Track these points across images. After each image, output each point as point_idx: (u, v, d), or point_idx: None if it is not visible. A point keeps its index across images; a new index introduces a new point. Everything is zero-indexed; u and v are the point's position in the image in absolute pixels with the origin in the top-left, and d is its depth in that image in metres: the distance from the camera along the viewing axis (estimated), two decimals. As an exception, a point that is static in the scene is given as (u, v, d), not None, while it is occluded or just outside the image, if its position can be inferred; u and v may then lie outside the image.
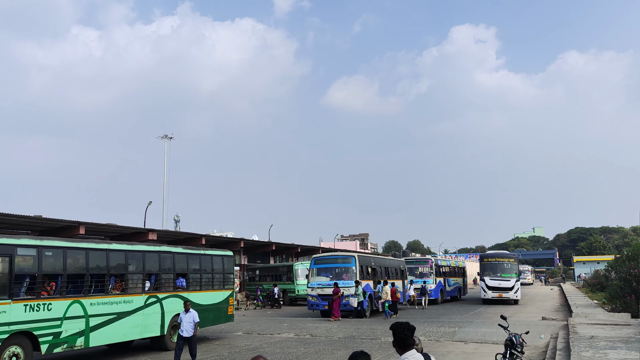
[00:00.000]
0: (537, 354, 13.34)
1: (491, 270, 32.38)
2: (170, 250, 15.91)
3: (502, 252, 35.53)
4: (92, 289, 12.99)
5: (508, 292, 31.56)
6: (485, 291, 32.24)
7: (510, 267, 32.30)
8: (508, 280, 31.74)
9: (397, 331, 4.27)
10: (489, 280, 32.16)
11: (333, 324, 21.62)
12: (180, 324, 12.29)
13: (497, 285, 31.82)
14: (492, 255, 33.98)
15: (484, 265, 32.90)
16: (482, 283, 32.66)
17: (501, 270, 32.20)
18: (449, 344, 15.34)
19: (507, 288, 31.63)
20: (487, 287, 32.15)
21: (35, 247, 11.74)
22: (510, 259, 33.01)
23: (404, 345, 4.23)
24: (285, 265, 39.05)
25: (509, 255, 34.09)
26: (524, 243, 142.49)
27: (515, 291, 31.55)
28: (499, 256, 33.77)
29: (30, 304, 11.30)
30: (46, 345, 11.56)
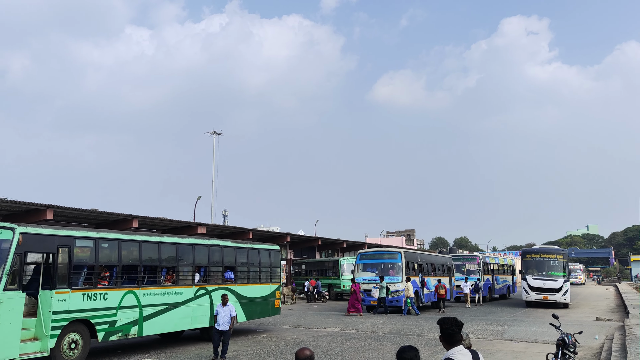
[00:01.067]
0: (591, 355, 12.93)
1: (535, 268, 28.20)
2: (219, 243, 16.25)
3: (549, 247, 30.59)
4: (145, 280, 13.44)
5: (555, 294, 27.31)
6: (528, 292, 27.97)
7: (558, 264, 28.06)
8: (555, 280, 27.40)
9: (445, 326, 4.23)
10: (531, 280, 27.88)
11: (379, 319, 21.57)
12: (217, 316, 12.40)
13: (541, 285, 27.56)
14: (537, 251, 29.43)
15: (527, 262, 28.77)
16: (524, 283, 28.34)
17: (547, 268, 28.00)
18: (497, 343, 15.07)
19: (554, 289, 27.31)
20: (529, 287, 27.91)
21: (93, 239, 12.24)
22: (558, 255, 28.49)
23: (451, 340, 4.18)
24: (331, 260, 39.21)
25: (557, 251, 29.30)
26: (577, 241, 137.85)
27: (563, 293, 27.30)
28: (545, 252, 29.15)
29: (87, 293, 11.79)
30: (102, 333, 12.06)
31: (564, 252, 29.04)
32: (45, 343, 10.74)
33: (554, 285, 27.45)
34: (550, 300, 27.39)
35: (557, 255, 28.46)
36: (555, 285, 27.42)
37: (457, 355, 4.08)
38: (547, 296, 27.40)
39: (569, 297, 27.77)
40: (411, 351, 4.02)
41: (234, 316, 12.44)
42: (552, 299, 27.34)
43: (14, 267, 10.30)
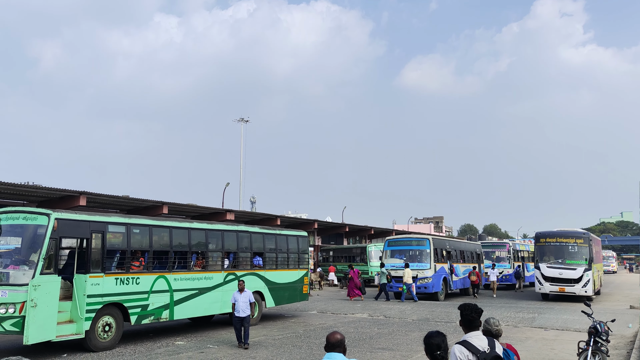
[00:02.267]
0: (624, 344, 12.69)
1: (551, 254, 24.52)
2: (247, 229, 16.41)
3: (567, 231, 25.42)
4: (175, 265, 13.68)
5: (573, 285, 23.40)
6: (541, 283, 24.13)
7: (578, 250, 24.09)
8: (573, 269, 23.41)
9: (465, 312, 4.50)
10: (545, 268, 24.01)
11: (407, 305, 21.55)
12: (235, 304, 12.29)
13: (557, 275, 23.71)
14: (552, 235, 25.01)
15: (541, 248, 24.93)
16: (537, 272, 24.41)
17: (564, 255, 24.14)
18: (527, 330, 14.91)
19: (572, 280, 23.41)
20: (543, 277, 24.06)
21: (124, 224, 12.50)
22: (578, 240, 24.34)
23: (470, 325, 4.45)
24: (358, 247, 39.24)
25: (576, 234, 24.80)
26: (611, 228, 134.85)
27: (584, 284, 23.25)
28: (562, 235, 24.74)
29: (120, 277, 12.07)
30: (135, 317, 12.34)
31: (586, 236, 24.59)
32: (81, 325, 11.06)
33: (572, 274, 23.51)
34: (568, 292, 23.57)
35: (576, 240, 24.38)
36: (573, 275, 23.47)
37: (473, 339, 4.35)
38: (564, 287, 23.58)
39: (592, 289, 23.54)
40: (439, 336, 4.12)
41: (253, 302, 12.43)
42: (569, 291, 23.51)
43: (50, 251, 10.59)
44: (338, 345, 4.30)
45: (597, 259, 26.63)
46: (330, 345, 4.30)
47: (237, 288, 12.62)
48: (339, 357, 4.26)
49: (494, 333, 5.08)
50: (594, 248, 25.00)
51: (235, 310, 12.25)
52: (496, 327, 5.17)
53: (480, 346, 4.33)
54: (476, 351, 4.26)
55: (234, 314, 12.27)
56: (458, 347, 4.32)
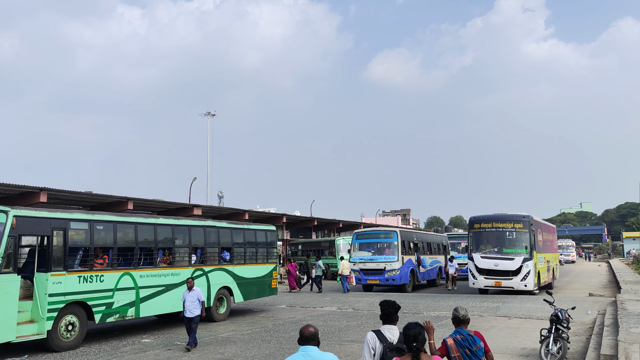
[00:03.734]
0: (584, 330, 13.10)
1: (487, 242, 21.30)
2: (215, 224, 16.26)
3: (504, 214, 21.75)
4: (141, 262, 13.46)
5: (510, 278, 20.26)
6: (475, 276, 20.96)
7: (517, 237, 20.68)
8: (511, 259, 20.28)
9: (383, 307, 5.01)
10: (479, 259, 20.83)
11: (375, 298, 21.76)
12: (184, 303, 11.62)
13: (492, 266, 20.56)
14: (487, 219, 21.52)
15: (476, 235, 21.57)
16: (470, 263, 21.28)
17: (501, 242, 20.81)
18: (492, 319, 15.23)
19: (509, 272, 20.31)
20: (476, 269, 20.89)
21: (87, 221, 12.22)
22: (516, 224, 20.83)
23: (387, 319, 4.96)
24: (327, 240, 39.38)
25: (514, 218, 21.16)
26: (571, 219, 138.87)
27: (523, 276, 20.14)
28: (498, 219, 21.29)
29: (83, 275, 11.81)
30: (100, 315, 12.10)
31: (526, 220, 20.95)
32: (42, 325, 10.78)
33: (509, 265, 20.31)
34: (505, 286, 20.43)
35: (515, 224, 20.88)
36: (510, 266, 20.28)
37: (385, 331, 4.87)
38: (501, 281, 20.43)
39: (533, 282, 20.24)
40: (416, 328, 4.37)
41: (203, 301, 11.68)
42: (507, 285, 20.32)
43: (8, 250, 10.29)
44: (312, 338, 4.30)
45: (545, 247, 23.72)
46: (304, 338, 4.30)
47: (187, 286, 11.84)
48: (314, 350, 4.25)
49: (461, 320, 5.36)
50: (538, 234, 22.00)
51: (184, 309, 11.56)
52: (463, 314, 5.44)
53: (389, 337, 4.82)
54: (384, 340, 4.79)
55: (184, 314, 11.62)
56: (371, 334, 4.88)
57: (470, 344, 5.23)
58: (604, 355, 8.96)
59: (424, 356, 4.24)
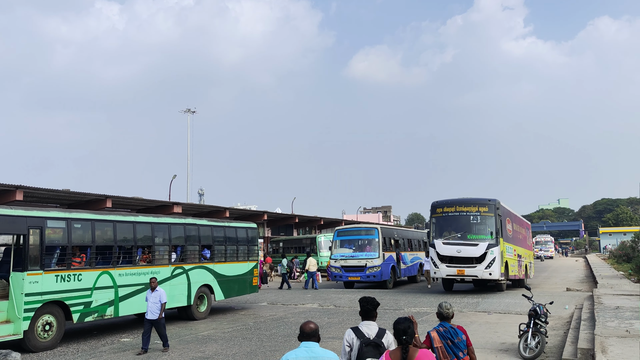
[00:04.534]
0: (562, 324, 13.31)
1: (450, 227, 19.55)
2: (195, 222, 16.14)
3: (468, 198, 20.07)
4: (120, 261, 13.31)
5: (474, 266, 18.50)
6: (437, 264, 19.35)
7: (482, 221, 18.98)
8: (474, 245, 18.61)
9: (362, 304, 5.12)
10: (441, 245, 19.19)
11: (357, 294, 21.82)
12: (147, 304, 11.05)
13: (454, 253, 18.80)
14: (450, 203, 19.89)
15: (438, 221, 19.85)
16: (432, 250, 19.62)
17: (465, 228, 19.07)
18: (472, 314, 15.38)
19: (472, 258, 18.59)
20: (438, 256, 19.28)
21: (65, 219, 12.02)
22: (482, 208, 19.16)
23: (365, 315, 5.09)
24: (308, 238, 39.38)
25: (479, 202, 19.52)
26: (549, 215, 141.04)
27: (488, 264, 18.38)
28: (461, 203, 19.64)
29: (61, 274, 11.62)
30: (77, 314, 11.93)
31: (492, 204, 19.29)
32: (19, 325, 10.59)
33: (472, 251, 18.50)
34: (469, 275, 18.76)
35: (480, 208, 19.17)
36: (474, 252, 18.49)
37: (363, 327, 4.99)
38: (464, 269, 18.66)
39: (498, 271, 18.47)
40: (405, 322, 4.50)
41: (164, 302, 11.06)
42: (470, 273, 18.61)
43: (-16, 249, 10.07)
44: (313, 334, 4.37)
45: (516, 239, 22.43)
46: (305, 334, 4.36)
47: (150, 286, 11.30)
48: (316, 347, 4.31)
49: (445, 316, 5.55)
50: (506, 222, 20.62)
51: (146, 310, 11.00)
52: (447, 310, 5.70)
53: (367, 333, 4.92)
54: (361, 336, 4.88)
55: (145, 316, 11.05)
56: (348, 331, 4.99)
57: (452, 336, 5.45)
58: (581, 349, 9.10)
59: (413, 348, 4.36)
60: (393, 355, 4.33)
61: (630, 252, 35.05)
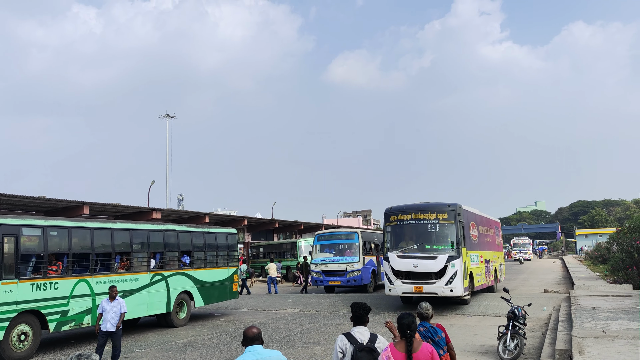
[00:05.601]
0: (540, 326, 13.48)
1: (406, 238, 17.07)
2: (174, 228, 15.99)
3: (425, 204, 17.55)
4: (97, 268, 13.11)
5: (433, 282, 16.01)
6: (391, 280, 16.66)
7: (440, 230, 16.57)
8: (433, 258, 16.10)
9: (354, 309, 5.08)
10: (395, 259, 16.58)
11: (337, 299, 21.83)
12: (103, 314, 10.19)
13: (410, 267, 16.27)
14: (405, 210, 17.24)
15: (393, 230, 17.25)
16: (386, 264, 16.94)
17: (422, 238, 16.60)
18: (451, 317, 15.49)
19: (431, 274, 16.08)
20: (393, 271, 16.63)
21: (40, 227, 11.81)
22: (440, 214, 16.65)
23: (357, 321, 5.04)
24: (288, 242, 39.28)
25: (437, 208, 16.92)
26: (527, 217, 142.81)
27: (448, 279, 15.88)
28: (418, 210, 17.06)
29: (37, 283, 11.41)
30: (54, 324, 11.71)
31: (452, 210, 16.72)
32: (-7, 336, 10.35)
33: (430, 265, 16.09)
34: (427, 292, 16.05)
35: (438, 215, 16.68)
36: (432, 266, 16.07)
37: (356, 332, 4.95)
38: (421, 286, 16.19)
39: (461, 287, 16.03)
40: (409, 317, 4.62)
41: (124, 312, 10.33)
42: (429, 290, 16.02)
43: (-44, 258, 9.83)
44: (257, 338, 4.49)
45: (482, 243, 20.06)
46: (249, 339, 4.48)
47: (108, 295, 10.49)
48: (259, 348, 4.46)
49: (424, 316, 5.70)
50: (470, 227, 18.29)
51: (102, 321, 10.12)
52: (427, 311, 5.89)
53: (359, 338, 4.90)
54: (354, 342, 4.86)
55: (100, 328, 10.17)
56: (341, 337, 4.97)
57: (432, 334, 5.66)
58: (559, 350, 9.23)
59: (417, 341, 4.60)
60: (399, 347, 4.52)
61: (605, 253, 35.62)
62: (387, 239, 17.37)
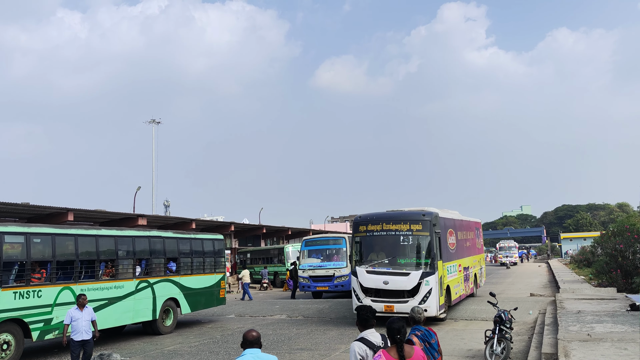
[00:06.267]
0: (526, 330, 13.56)
1: (375, 250, 15.54)
2: (160, 235, 15.86)
3: (397, 213, 16.12)
4: (82, 275, 12.95)
5: (406, 301, 14.22)
6: (359, 298, 15.05)
7: (414, 242, 14.98)
8: (405, 274, 14.55)
9: (361, 313, 5.07)
10: (364, 275, 14.98)
11: (325, 304, 21.79)
12: (72, 324, 9.75)
13: (380, 285, 14.68)
14: (376, 219, 15.63)
15: (363, 241, 15.69)
16: (354, 280, 15.33)
17: (394, 251, 15.05)
18: (438, 321, 15.51)
19: (403, 292, 14.51)
20: (361, 288, 15.05)
21: (23, 234, 11.65)
22: (413, 225, 15.03)
23: (365, 324, 5.01)
24: (276, 248, 39.16)
25: (410, 217, 15.33)
26: (512, 221, 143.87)
27: (423, 298, 14.34)
28: (389, 219, 15.45)
29: (19, 291, 11.24)
30: (37, 332, 11.54)
31: (427, 220, 15.07)
32: (-26, 345, 10.17)
33: (402, 283, 14.50)
34: (399, 312, 14.01)
35: (411, 225, 15.05)
36: (404, 284, 14.49)
37: (369, 336, 4.91)
38: (393, 305, 14.48)
39: (436, 305, 14.59)
40: (399, 321, 4.61)
41: (95, 320, 10.02)
42: (401, 310, 13.97)
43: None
44: (256, 342, 4.58)
45: (461, 250, 18.70)
46: (248, 342, 4.57)
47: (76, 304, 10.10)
48: (258, 352, 4.53)
49: (417, 320, 5.73)
50: (448, 236, 16.95)
51: (74, 331, 9.69)
52: (419, 315, 5.86)
53: (375, 342, 4.86)
54: (372, 346, 4.80)
55: (72, 338, 9.72)
56: (357, 343, 4.86)
57: (428, 337, 5.65)
58: (545, 354, 9.29)
59: (408, 346, 4.57)
60: (392, 353, 4.49)
61: (590, 257, 35.92)
62: (355, 252, 15.77)
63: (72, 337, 9.70)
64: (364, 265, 15.23)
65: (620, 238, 22.06)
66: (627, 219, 27.37)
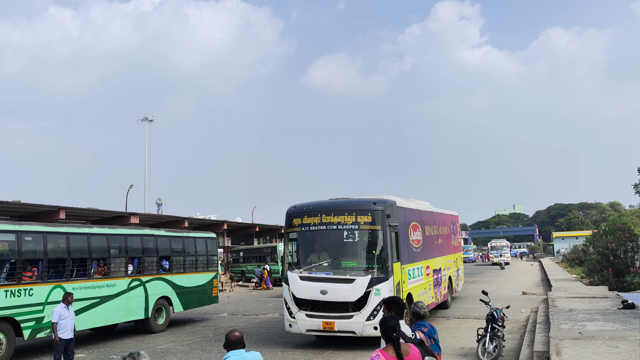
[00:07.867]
0: (518, 328, 13.62)
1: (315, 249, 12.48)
2: (152, 233, 15.81)
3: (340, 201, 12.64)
4: (74, 274, 12.89)
5: (350, 317, 11.27)
6: (291, 311, 11.92)
7: (361, 239, 11.97)
8: (349, 281, 11.37)
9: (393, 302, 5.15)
10: (297, 282, 11.83)
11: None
12: (60, 322, 9.60)
13: (317, 295, 11.49)
14: (314, 210, 12.37)
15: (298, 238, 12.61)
16: (285, 289, 12.17)
17: (335, 251, 11.97)
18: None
19: (345, 303, 11.39)
20: (294, 299, 11.85)
21: (14, 232, 11.58)
22: (361, 216, 11.86)
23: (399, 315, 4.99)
24: (269, 247, 39.11)
25: (357, 207, 12.08)
26: (505, 220, 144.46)
27: (372, 312, 11.13)
28: (330, 209, 12.17)
29: (11, 289, 11.17)
30: (29, 331, 11.48)
31: (379, 210, 11.93)
32: (-35, 344, 10.10)
33: (345, 292, 11.38)
34: (342, 330, 11.36)
35: (359, 217, 11.91)
36: (348, 294, 11.37)
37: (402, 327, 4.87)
38: (333, 322, 11.38)
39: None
40: (394, 319, 4.52)
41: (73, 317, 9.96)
42: (343, 327, 11.33)
43: None
44: (239, 342, 4.50)
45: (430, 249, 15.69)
46: (231, 343, 4.48)
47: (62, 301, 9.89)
48: (242, 352, 4.48)
49: (421, 315, 5.70)
50: (411, 231, 14.02)
51: (62, 329, 9.60)
52: (423, 310, 5.83)
53: (408, 333, 4.94)
54: (408, 339, 4.81)
55: (59, 337, 9.60)
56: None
57: (432, 333, 5.62)
58: (537, 352, 9.33)
59: (404, 344, 4.52)
60: (389, 352, 4.44)
61: (582, 255, 36.14)
62: (289, 252, 12.58)
63: (60, 335, 9.63)
64: (298, 270, 12.02)
65: (612, 237, 22.19)
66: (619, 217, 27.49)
